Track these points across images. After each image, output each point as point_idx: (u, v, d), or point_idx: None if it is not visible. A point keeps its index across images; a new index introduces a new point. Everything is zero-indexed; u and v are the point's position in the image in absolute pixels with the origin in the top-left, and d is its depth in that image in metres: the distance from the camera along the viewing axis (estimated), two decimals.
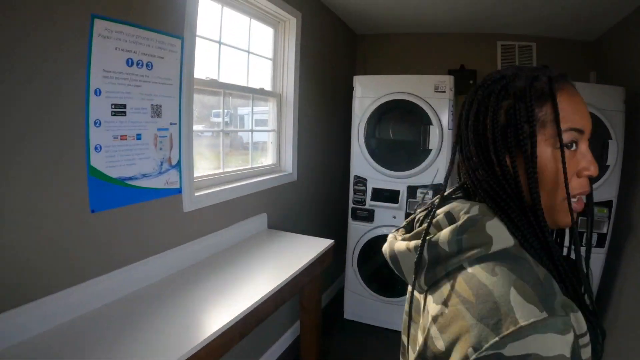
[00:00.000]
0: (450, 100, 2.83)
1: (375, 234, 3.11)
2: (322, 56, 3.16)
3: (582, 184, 0.64)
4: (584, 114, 0.63)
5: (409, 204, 3.00)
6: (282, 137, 2.70)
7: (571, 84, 0.65)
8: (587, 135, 0.63)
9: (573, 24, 3.09)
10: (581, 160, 0.63)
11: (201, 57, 1.92)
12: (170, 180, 1.68)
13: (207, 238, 1.94)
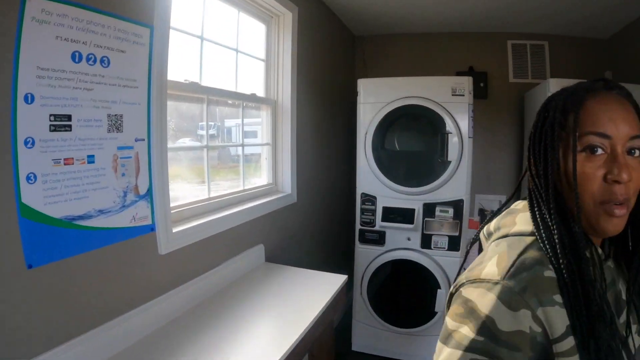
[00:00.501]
0: (470, 105, 2.49)
1: (387, 259, 2.74)
2: (321, 58, 2.80)
3: (609, 190, 0.64)
4: (615, 118, 0.65)
5: (425, 224, 2.64)
6: (278, 152, 2.32)
7: (616, 91, 0.68)
8: (624, 138, 0.64)
9: (586, 22, 2.99)
10: (611, 165, 0.64)
11: (178, 55, 1.54)
12: (139, 216, 1.28)
13: (191, 284, 1.54)
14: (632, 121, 0.65)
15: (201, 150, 1.76)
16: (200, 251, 1.60)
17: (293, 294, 1.72)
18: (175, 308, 1.46)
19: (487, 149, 3.18)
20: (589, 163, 0.65)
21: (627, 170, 0.63)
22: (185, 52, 1.62)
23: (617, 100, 0.67)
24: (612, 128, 0.64)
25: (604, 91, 0.68)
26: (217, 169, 1.97)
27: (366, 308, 2.84)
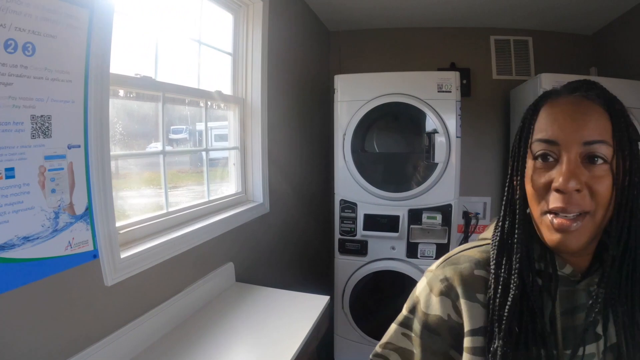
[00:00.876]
0: (458, 102, 2.34)
1: (370, 270, 2.56)
2: (294, 53, 2.60)
3: (554, 198, 0.61)
4: (563, 123, 0.62)
5: (411, 231, 2.48)
6: (247, 157, 2.10)
7: (579, 93, 0.64)
8: (573, 142, 0.60)
9: (571, 18, 2.96)
10: (558, 172, 0.61)
11: (128, 45, 1.32)
12: (77, 241, 1.05)
13: (148, 317, 1.31)
14: (588, 125, 0.60)
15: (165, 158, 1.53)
16: (157, 277, 1.37)
17: (271, 321, 1.52)
18: (130, 347, 1.23)
19: (471, 148, 3.05)
20: (540, 171, 0.64)
21: (575, 178, 0.59)
22: (137, 42, 1.40)
23: (574, 103, 0.63)
24: (559, 133, 0.62)
25: (565, 95, 0.65)
26: (180, 176, 1.76)
27: (348, 322, 2.66)
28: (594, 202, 0.60)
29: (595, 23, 3.06)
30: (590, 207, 0.60)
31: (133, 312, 1.27)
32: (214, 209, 1.82)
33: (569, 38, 3.24)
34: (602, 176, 0.60)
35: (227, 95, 1.94)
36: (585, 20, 3.01)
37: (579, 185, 0.59)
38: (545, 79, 2.31)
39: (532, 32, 3.24)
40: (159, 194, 1.55)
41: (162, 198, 1.54)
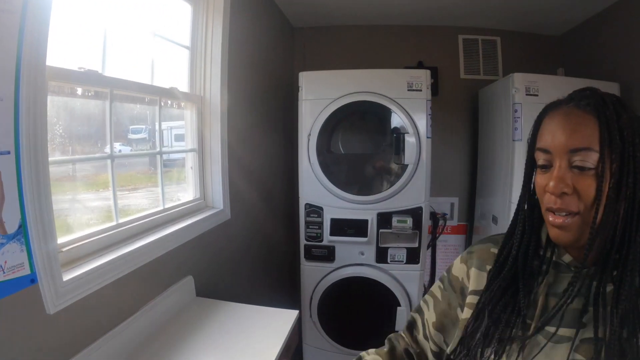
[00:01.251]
0: (428, 101, 2.30)
1: (338, 277, 2.50)
2: (257, 49, 2.47)
3: (548, 199, 0.72)
4: (556, 132, 0.71)
5: (380, 236, 2.42)
6: (206, 159, 1.96)
7: (573, 103, 0.72)
8: (561, 151, 0.70)
9: (539, 18, 3.02)
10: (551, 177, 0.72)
11: (70, 35, 1.16)
12: (10, 265, 0.89)
13: (99, 345, 1.15)
14: (577, 132, 0.69)
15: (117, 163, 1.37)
16: (108, 299, 1.21)
17: (237, 340, 1.39)
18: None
19: (438, 148, 3.03)
20: (541, 175, 0.75)
21: (561, 182, 0.69)
22: (82, 32, 1.24)
23: (567, 114, 0.71)
24: (550, 142, 0.72)
25: (562, 106, 0.74)
26: (140, 178, 1.62)
27: (317, 331, 2.58)
28: (582, 203, 0.69)
29: (564, 25, 3.13)
30: (577, 208, 0.69)
31: (81, 341, 1.11)
32: (170, 218, 1.67)
33: (537, 39, 3.30)
34: (587, 180, 0.68)
35: (184, 92, 1.80)
36: (553, 22, 3.08)
37: (567, 189, 0.69)
38: (517, 79, 2.30)
39: (500, 32, 3.27)
40: (122, 199, 1.40)
41: (112, 209, 1.38)
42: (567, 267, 0.76)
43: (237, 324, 1.51)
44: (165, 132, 1.77)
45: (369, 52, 3.27)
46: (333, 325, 2.57)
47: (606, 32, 2.72)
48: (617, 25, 2.59)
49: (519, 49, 3.27)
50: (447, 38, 3.27)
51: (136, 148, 1.58)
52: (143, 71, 1.54)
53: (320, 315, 2.54)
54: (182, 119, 1.88)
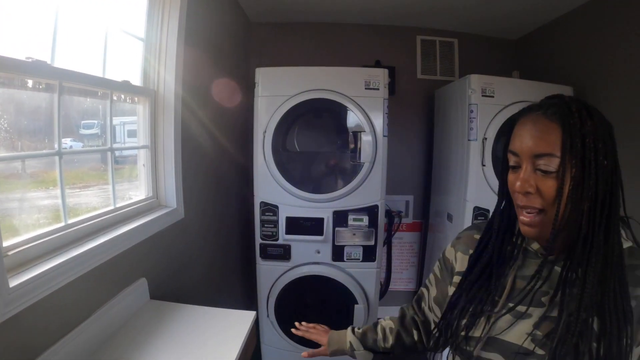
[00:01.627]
0: (385, 100, 2.35)
1: (294, 276, 2.51)
2: (213, 42, 2.42)
3: (516, 197, 0.84)
4: (523, 137, 0.81)
5: (336, 234, 2.44)
6: (159, 156, 1.90)
7: (541, 111, 0.80)
8: (527, 155, 0.79)
9: (496, 22, 3.16)
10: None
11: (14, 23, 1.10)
12: None
13: (51, 354, 1.09)
14: (541, 139, 0.78)
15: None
16: (59, 304, 1.16)
17: (194, 346, 1.36)
18: None
19: (394, 147, 3.10)
20: (512, 174, 0.85)
21: (526, 183, 0.79)
22: (30, 18, 1.17)
23: (534, 121, 0.80)
24: (518, 146, 0.82)
25: (531, 113, 0.82)
26: (100, 172, 1.55)
27: (275, 331, 2.58)
28: (545, 202, 0.78)
29: (519, 30, 3.30)
30: (542, 205, 0.79)
31: (32, 351, 1.06)
32: (122, 218, 1.61)
33: (494, 42, 3.47)
34: (549, 182, 0.77)
35: (137, 86, 1.73)
36: (510, 27, 3.24)
37: (530, 189, 0.79)
38: (474, 80, 2.39)
39: (458, 34, 3.39)
40: (71, 197, 1.34)
41: (62, 207, 1.32)
42: (534, 254, 0.89)
43: (194, 328, 1.48)
44: (118, 128, 1.70)
45: (327, 49, 3.30)
46: (291, 325, 2.56)
47: (560, 39, 2.90)
48: (571, 33, 2.76)
49: (475, 51, 3.40)
50: (406, 38, 3.34)
51: (88, 144, 1.51)
52: (94, 63, 1.48)
53: (277, 314, 2.54)
54: (135, 114, 1.81)
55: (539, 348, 0.79)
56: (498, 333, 0.85)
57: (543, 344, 0.79)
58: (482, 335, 0.86)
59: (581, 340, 0.74)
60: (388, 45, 3.32)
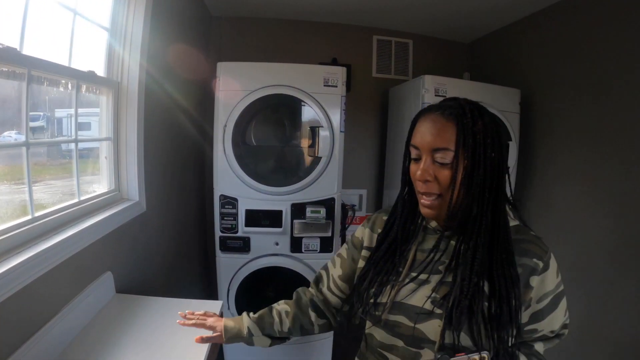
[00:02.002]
0: (343, 97, 2.42)
1: (253, 268, 2.54)
2: (176, 35, 2.40)
3: (417, 184, 0.96)
4: (424, 134, 0.93)
5: (294, 226, 2.50)
6: (121, 149, 1.87)
7: (440, 112, 0.92)
8: (427, 149, 0.92)
9: (450, 26, 3.31)
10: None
11: None
12: None
13: (20, 355, 1.06)
14: (438, 136, 0.90)
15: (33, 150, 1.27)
16: (26, 303, 1.13)
17: (164, 335, 1.38)
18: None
19: (348, 142, 3.17)
20: (414, 165, 0.96)
21: (425, 172, 0.92)
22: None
23: (434, 119, 0.92)
24: (420, 142, 0.93)
25: (432, 112, 0.94)
26: (47, 167, 1.50)
27: None
28: (441, 188, 0.91)
29: (472, 34, 3.47)
30: (439, 191, 0.92)
31: (2, 351, 1.03)
32: (85, 211, 1.58)
33: (447, 44, 3.63)
34: (445, 172, 0.90)
35: (101, 77, 1.70)
36: (462, 30, 3.41)
37: (429, 177, 0.91)
38: (427, 80, 2.51)
39: (413, 35, 3.52)
40: (18, 194, 1.29)
41: (27, 199, 1.28)
42: (433, 231, 1.02)
43: (163, 319, 1.49)
44: (65, 120, 1.61)
45: (286, 45, 3.32)
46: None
47: (510, 44, 3.08)
48: (520, 39, 2.95)
49: (429, 52, 3.54)
50: (362, 38, 3.43)
51: (33, 137, 1.44)
52: (59, 52, 1.43)
53: (237, 306, 2.56)
54: (88, 106, 1.76)
55: (437, 308, 0.91)
56: (402, 298, 0.96)
57: (440, 304, 0.91)
58: (388, 301, 0.97)
59: (473, 300, 0.87)
60: (345, 43, 3.39)
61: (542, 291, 0.94)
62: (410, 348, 0.94)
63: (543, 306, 0.96)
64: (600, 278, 2.20)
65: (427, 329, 0.91)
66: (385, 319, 0.98)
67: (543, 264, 0.93)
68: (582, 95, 2.35)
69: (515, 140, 2.66)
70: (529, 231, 1.00)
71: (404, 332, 0.95)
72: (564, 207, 2.51)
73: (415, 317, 0.93)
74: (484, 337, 0.87)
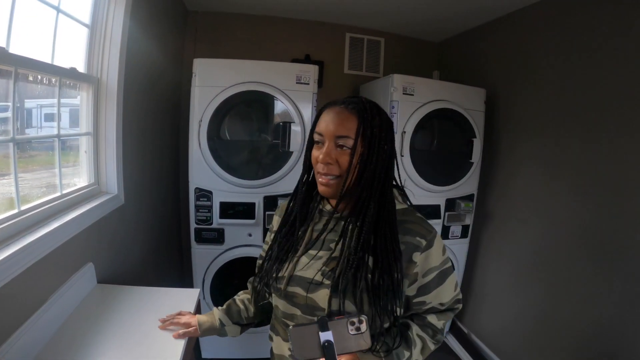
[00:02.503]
0: (314, 94, 2.52)
1: (228, 258, 2.62)
2: (152, 30, 2.42)
3: (319, 166, 1.04)
4: (329, 123, 1.02)
5: (267, 217, 2.58)
6: (100, 144, 1.91)
7: (344, 105, 1.03)
8: (330, 136, 1.01)
9: (421, 26, 3.41)
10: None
11: None
12: None
13: (6, 347, 1.11)
14: (341, 125, 1.00)
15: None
16: (13, 296, 1.16)
17: (146, 324, 1.43)
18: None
19: None
20: (316, 150, 1.05)
21: (327, 155, 1.01)
22: None
23: (338, 111, 1.02)
24: (324, 129, 1.02)
25: (336, 105, 1.05)
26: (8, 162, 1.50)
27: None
28: (341, 170, 1.01)
29: (442, 34, 3.60)
30: (338, 172, 1.02)
31: None
32: (67, 205, 1.62)
33: (417, 43, 3.75)
34: (344, 156, 1.01)
35: (82, 73, 1.73)
36: (433, 30, 3.53)
37: (330, 160, 1.01)
38: (396, 79, 2.62)
39: (385, 33, 3.63)
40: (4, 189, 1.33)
41: (14, 195, 1.32)
42: (327, 213, 1.12)
43: (144, 307, 1.56)
44: (34, 111, 1.60)
45: (259, 42, 3.36)
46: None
47: (478, 45, 3.22)
48: (488, 41, 3.09)
49: (400, 50, 3.66)
50: (335, 35, 3.51)
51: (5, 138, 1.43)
52: (43, 49, 1.47)
53: (213, 296, 2.64)
54: (52, 96, 1.77)
55: (326, 279, 1.02)
56: (298, 271, 1.07)
57: (329, 276, 1.02)
58: (286, 274, 1.08)
59: (358, 271, 0.99)
60: (318, 40, 3.47)
61: (426, 267, 1.07)
62: (306, 316, 1.05)
63: (428, 280, 1.09)
64: (560, 265, 2.34)
65: (318, 298, 1.02)
66: (284, 291, 1.08)
67: (426, 242, 1.06)
68: (544, 91, 2.50)
69: (480, 137, 2.79)
70: (415, 213, 1.13)
71: (300, 302, 1.06)
72: (524, 197, 2.67)
73: (307, 287, 1.04)
74: (367, 304, 0.99)
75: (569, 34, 2.32)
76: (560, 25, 2.38)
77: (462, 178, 2.85)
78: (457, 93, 2.76)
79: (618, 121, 2.01)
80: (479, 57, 3.20)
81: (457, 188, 2.86)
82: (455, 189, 2.87)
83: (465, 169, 2.84)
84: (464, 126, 2.77)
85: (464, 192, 2.92)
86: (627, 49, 1.97)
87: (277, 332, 1.18)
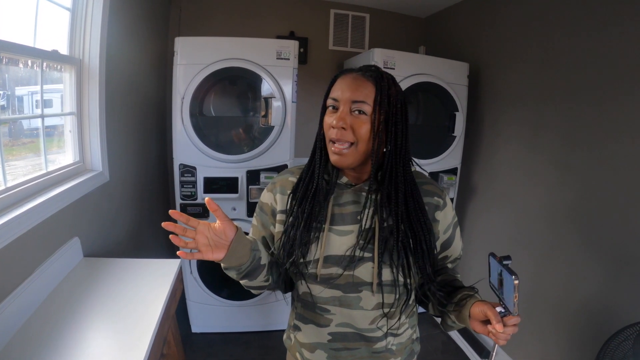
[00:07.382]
0: (295, 69, 2.60)
1: None
2: (135, 11, 2.49)
3: (332, 132, 1.01)
4: (343, 89, 1.00)
5: (250, 191, 2.71)
6: (84, 123, 2.01)
7: (360, 72, 1.03)
8: (346, 101, 0.99)
9: (406, 1, 3.43)
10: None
11: None
12: None
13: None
14: (357, 90, 0.99)
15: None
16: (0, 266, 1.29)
17: (127, 292, 1.59)
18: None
19: (306, 112, 3.34)
20: (329, 116, 1.03)
21: (342, 120, 0.98)
22: None
23: (354, 77, 1.02)
24: (339, 94, 1.01)
25: (353, 72, 1.04)
26: (9, 147, 1.62)
27: (199, 287, 2.84)
28: (356, 137, 0.99)
29: (428, 9, 3.64)
30: (353, 139, 1.00)
31: None
32: (53, 181, 1.74)
33: (403, 19, 3.78)
34: (361, 122, 0.99)
35: (64, 55, 1.82)
36: (419, 5, 3.56)
37: (344, 125, 0.99)
38: (377, 53, 2.68)
39: (370, 9, 3.66)
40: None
41: (3, 171, 1.44)
42: (344, 186, 1.09)
43: (126, 277, 1.70)
44: (27, 98, 1.73)
45: (243, 19, 3.41)
46: (213, 280, 2.84)
47: (462, 20, 3.27)
48: (471, 16, 3.14)
49: (386, 26, 3.70)
50: (320, 11, 3.56)
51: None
52: (24, 33, 1.56)
53: (200, 270, 2.78)
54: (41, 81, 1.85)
55: (366, 253, 1.04)
56: (331, 251, 1.05)
57: (370, 249, 1.04)
58: (317, 257, 1.05)
59: (399, 239, 1.02)
60: (303, 17, 3.51)
61: (445, 223, 1.13)
62: (350, 295, 1.06)
63: (449, 236, 1.15)
64: (542, 238, 2.44)
65: (361, 273, 1.04)
66: (320, 274, 1.06)
67: (443, 201, 1.11)
68: (526, 66, 2.56)
69: (463, 111, 2.88)
70: (425, 175, 1.18)
71: (340, 282, 1.06)
72: (507, 172, 2.76)
73: (345, 264, 1.04)
74: (414, 267, 1.03)
75: (548, 6, 2.36)
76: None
77: (444, 151, 2.94)
78: (440, 67, 2.84)
79: (600, 91, 2.05)
80: (463, 32, 3.26)
81: (440, 161, 2.96)
82: (439, 162, 2.96)
83: (448, 143, 2.94)
84: (447, 100, 2.85)
85: (448, 166, 3.01)
86: (605, 18, 2.01)
87: (309, 321, 1.16)
